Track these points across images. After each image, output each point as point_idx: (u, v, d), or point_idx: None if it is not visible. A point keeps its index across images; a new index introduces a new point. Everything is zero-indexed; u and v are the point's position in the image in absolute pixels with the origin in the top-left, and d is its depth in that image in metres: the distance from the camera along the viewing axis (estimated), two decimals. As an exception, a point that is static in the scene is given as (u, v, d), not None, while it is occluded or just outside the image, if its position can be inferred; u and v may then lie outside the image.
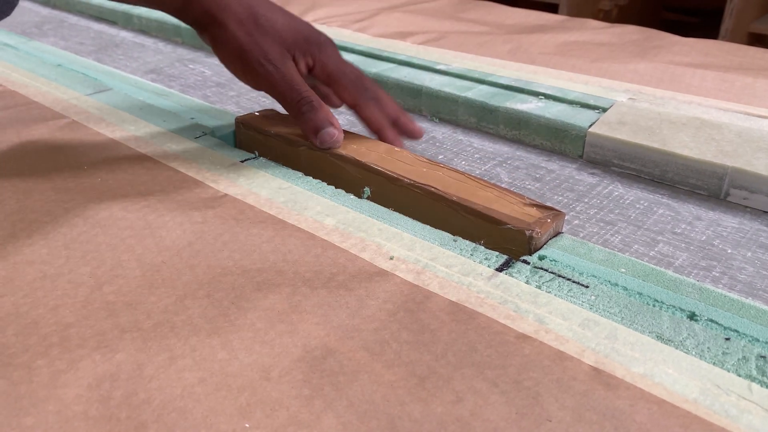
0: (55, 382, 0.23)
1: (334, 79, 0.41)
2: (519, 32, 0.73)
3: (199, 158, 0.40)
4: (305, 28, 0.41)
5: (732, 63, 0.61)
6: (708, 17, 1.79)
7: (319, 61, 0.40)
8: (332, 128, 0.38)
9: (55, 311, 0.26)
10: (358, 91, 0.41)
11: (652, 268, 0.30)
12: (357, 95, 0.41)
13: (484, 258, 0.30)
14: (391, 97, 0.43)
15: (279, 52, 0.39)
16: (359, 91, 0.41)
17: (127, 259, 0.30)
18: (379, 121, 0.41)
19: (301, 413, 0.22)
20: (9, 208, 0.34)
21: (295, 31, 0.40)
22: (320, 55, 0.40)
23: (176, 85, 0.61)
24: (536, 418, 0.22)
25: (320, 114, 0.38)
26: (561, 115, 0.46)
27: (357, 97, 0.41)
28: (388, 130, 0.41)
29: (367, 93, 0.41)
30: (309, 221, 0.33)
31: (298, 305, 0.27)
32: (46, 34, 0.79)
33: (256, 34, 0.39)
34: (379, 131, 0.41)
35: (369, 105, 0.41)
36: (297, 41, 0.40)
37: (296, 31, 0.40)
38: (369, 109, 0.41)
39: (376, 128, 0.41)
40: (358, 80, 0.41)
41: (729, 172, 0.39)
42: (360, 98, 0.41)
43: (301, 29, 0.40)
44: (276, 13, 0.40)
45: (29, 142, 0.42)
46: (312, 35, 0.41)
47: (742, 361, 0.24)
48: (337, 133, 0.38)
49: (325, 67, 0.41)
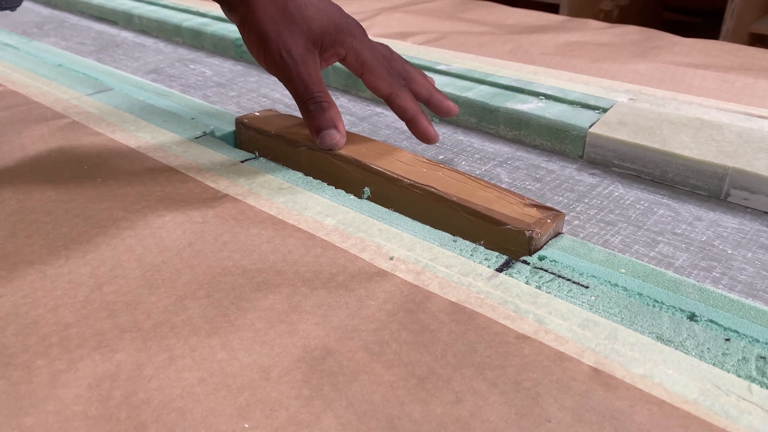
0: (55, 382, 0.23)
1: (366, 69, 0.40)
2: (519, 32, 0.73)
3: (199, 158, 0.40)
4: (337, 17, 0.40)
5: (733, 63, 0.61)
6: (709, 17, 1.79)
7: (351, 52, 0.40)
8: (334, 130, 0.38)
9: (54, 311, 0.26)
10: (390, 81, 0.40)
11: (653, 269, 0.30)
12: (390, 85, 0.40)
13: (484, 258, 0.30)
14: (423, 74, 0.43)
15: (303, 45, 0.38)
16: (392, 81, 0.41)
17: (127, 259, 0.30)
18: (412, 109, 0.41)
19: (301, 413, 0.22)
20: (9, 208, 0.34)
21: (325, 21, 0.39)
22: (352, 45, 0.40)
23: (177, 86, 0.61)
24: (536, 419, 0.22)
25: (326, 114, 0.38)
26: (561, 116, 0.46)
27: (390, 87, 0.40)
28: (420, 120, 0.41)
29: (399, 81, 0.41)
30: (309, 221, 0.33)
31: (298, 305, 0.27)
32: (47, 34, 0.79)
33: (282, 23, 0.38)
34: (411, 121, 0.41)
35: (402, 94, 0.41)
36: (327, 32, 0.39)
37: (327, 21, 0.39)
38: (402, 98, 0.41)
39: (408, 117, 0.41)
40: (390, 68, 0.41)
41: (729, 172, 0.39)
42: (393, 88, 0.40)
43: (332, 18, 0.39)
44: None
45: (30, 142, 0.42)
46: (344, 24, 0.40)
47: (742, 361, 0.24)
48: (338, 136, 0.38)
49: (357, 57, 0.40)
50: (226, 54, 0.69)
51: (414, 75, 0.42)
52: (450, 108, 0.43)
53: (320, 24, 0.39)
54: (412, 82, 0.42)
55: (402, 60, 0.43)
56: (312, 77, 0.38)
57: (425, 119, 0.41)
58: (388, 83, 0.40)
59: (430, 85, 0.43)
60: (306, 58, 0.38)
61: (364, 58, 0.40)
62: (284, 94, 0.58)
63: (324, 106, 0.38)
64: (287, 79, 0.39)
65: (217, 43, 0.70)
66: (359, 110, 0.55)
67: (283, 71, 0.38)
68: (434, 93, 0.43)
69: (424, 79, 0.43)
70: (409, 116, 0.41)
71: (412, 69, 0.43)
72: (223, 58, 0.69)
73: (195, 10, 0.78)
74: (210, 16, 0.75)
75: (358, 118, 0.53)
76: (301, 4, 0.38)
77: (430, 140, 0.42)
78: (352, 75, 0.57)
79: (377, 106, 0.56)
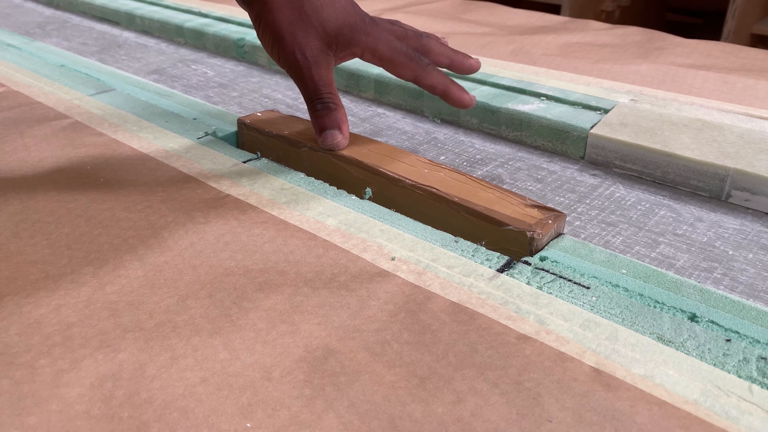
0: (58, 382, 0.23)
1: (385, 63, 0.41)
2: (521, 33, 0.73)
3: (201, 159, 0.40)
4: (351, 16, 0.40)
5: (734, 64, 0.61)
6: (710, 18, 1.79)
7: (368, 49, 0.40)
8: (337, 131, 0.38)
9: (57, 311, 0.27)
10: (412, 66, 0.41)
11: (654, 270, 0.30)
12: (413, 70, 0.41)
13: (486, 259, 0.30)
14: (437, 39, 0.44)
15: (317, 47, 0.39)
16: (413, 65, 0.41)
17: (130, 259, 0.30)
18: (441, 84, 0.42)
19: (303, 413, 0.22)
20: (12, 208, 0.34)
21: (340, 22, 0.39)
22: (367, 44, 0.40)
23: (179, 86, 0.61)
24: (537, 419, 0.22)
25: (331, 115, 0.39)
26: (563, 117, 0.46)
27: (413, 71, 0.41)
28: (452, 90, 0.42)
29: (420, 62, 0.41)
30: (311, 222, 0.33)
31: (300, 305, 0.27)
32: (50, 34, 0.79)
33: (298, 23, 0.38)
34: (444, 94, 0.42)
35: (426, 74, 0.42)
36: (342, 33, 0.39)
37: (342, 22, 0.39)
38: (427, 77, 0.42)
39: (440, 93, 0.42)
40: (408, 53, 0.41)
41: (731, 173, 0.39)
42: (417, 70, 0.41)
43: (347, 18, 0.40)
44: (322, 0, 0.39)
45: (32, 143, 0.42)
46: (358, 23, 0.40)
47: (742, 362, 0.24)
48: (340, 137, 0.39)
49: (374, 53, 0.41)
50: (228, 54, 0.69)
51: (431, 46, 0.43)
52: (472, 65, 0.44)
53: (335, 25, 0.39)
54: (431, 53, 0.43)
55: (415, 33, 0.43)
56: (323, 78, 0.39)
57: (456, 87, 0.42)
58: (411, 69, 0.41)
59: (448, 48, 0.44)
60: (319, 59, 0.39)
61: (381, 53, 0.41)
62: (286, 94, 0.58)
63: (331, 107, 0.39)
64: (299, 79, 0.39)
65: (219, 44, 0.70)
66: (361, 111, 0.55)
67: (296, 71, 0.39)
68: (454, 56, 0.44)
69: (440, 45, 0.43)
70: (440, 92, 0.42)
71: (426, 39, 0.43)
72: (225, 58, 0.69)
73: (197, 10, 0.78)
74: (212, 17, 0.75)
75: (360, 118, 0.53)
76: (317, 5, 0.39)
77: (467, 105, 0.43)
78: (354, 75, 0.57)
79: (379, 107, 0.56)
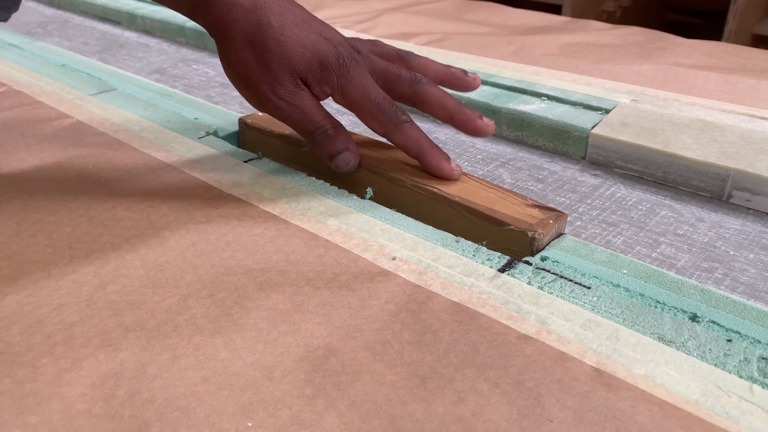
0: (60, 381, 0.23)
1: (354, 109, 0.36)
2: (522, 33, 0.73)
3: (202, 158, 0.40)
4: (320, 50, 0.35)
5: (735, 65, 0.61)
6: (712, 19, 1.79)
7: (337, 91, 0.35)
8: (347, 153, 0.36)
9: (59, 310, 0.27)
10: (382, 120, 0.35)
11: (654, 270, 0.30)
12: (382, 125, 0.35)
13: (487, 259, 0.30)
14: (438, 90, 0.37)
15: (290, 81, 0.35)
16: (384, 119, 0.35)
17: (131, 258, 0.30)
18: (414, 147, 0.35)
19: (304, 413, 0.22)
20: (14, 207, 0.34)
21: (307, 57, 0.35)
22: (337, 84, 0.35)
23: (180, 86, 0.61)
24: (537, 419, 0.22)
25: (336, 141, 0.36)
26: (564, 117, 0.46)
27: (383, 126, 0.35)
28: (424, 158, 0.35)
29: (394, 117, 0.35)
30: (312, 221, 0.33)
31: (301, 305, 0.27)
32: (51, 34, 0.79)
33: (265, 59, 0.34)
34: (417, 159, 0.36)
35: (397, 134, 0.35)
36: (311, 68, 0.35)
37: (309, 57, 0.35)
38: (397, 137, 0.35)
39: (413, 156, 0.36)
40: (383, 105, 0.35)
41: (732, 173, 0.39)
42: (386, 127, 0.35)
43: (315, 53, 0.35)
44: (287, 29, 0.35)
45: (34, 142, 0.42)
46: (329, 58, 0.35)
47: (743, 362, 0.24)
48: (352, 157, 0.36)
49: (343, 96, 0.35)
50: (229, 54, 0.69)
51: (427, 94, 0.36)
52: (477, 128, 0.36)
53: (303, 61, 0.34)
54: (425, 103, 0.36)
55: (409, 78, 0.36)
56: (308, 108, 0.35)
57: (432, 155, 0.35)
58: (380, 123, 0.35)
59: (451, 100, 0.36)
60: (296, 93, 0.35)
61: (351, 98, 0.35)
62: (287, 94, 0.58)
63: (330, 134, 0.36)
64: (283, 120, 0.36)
65: (220, 44, 0.70)
66: (362, 111, 0.55)
67: (276, 112, 0.35)
68: (457, 112, 0.36)
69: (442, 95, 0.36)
70: (413, 155, 0.36)
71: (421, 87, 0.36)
72: (226, 58, 0.69)
73: (198, 10, 0.78)
74: (213, 17, 0.75)
75: (361, 118, 0.53)
76: (280, 41, 0.34)
77: (445, 176, 0.35)
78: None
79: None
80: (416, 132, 0.35)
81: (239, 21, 0.35)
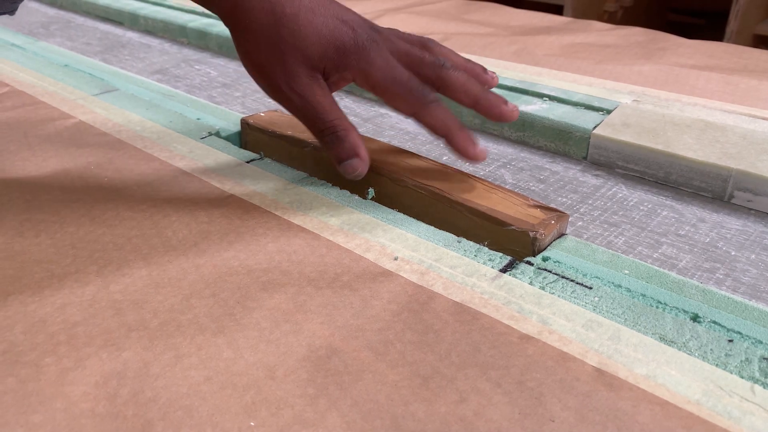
0: (63, 380, 0.23)
1: (378, 91, 0.34)
2: (524, 34, 0.73)
3: (204, 159, 0.40)
4: (338, 35, 0.34)
5: (737, 65, 0.61)
6: (713, 19, 1.79)
7: (359, 74, 0.34)
8: (356, 160, 0.35)
9: (62, 310, 0.27)
10: (410, 100, 0.34)
11: (656, 270, 0.30)
12: (410, 105, 0.34)
13: (488, 259, 0.30)
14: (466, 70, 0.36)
15: (305, 73, 0.34)
16: (412, 99, 0.34)
17: (134, 258, 0.30)
18: (442, 128, 0.34)
19: (306, 412, 0.22)
20: (17, 207, 0.34)
21: (324, 45, 0.33)
22: (358, 67, 0.34)
23: (182, 86, 0.61)
24: (539, 419, 0.22)
25: (345, 144, 0.35)
26: (565, 117, 0.47)
27: (411, 107, 0.34)
28: (452, 138, 0.34)
29: (422, 96, 0.34)
30: (314, 222, 0.33)
31: (303, 305, 0.27)
32: (53, 34, 0.79)
33: (279, 49, 0.33)
34: (447, 140, 0.35)
35: (425, 113, 0.34)
36: (327, 56, 0.34)
37: (326, 44, 0.33)
38: (426, 117, 0.34)
39: (442, 136, 0.35)
40: (410, 82, 0.34)
41: (733, 174, 0.39)
42: (414, 107, 0.34)
43: (333, 39, 0.34)
44: (302, 16, 0.33)
45: (36, 142, 0.42)
46: (346, 43, 0.34)
47: (745, 362, 0.24)
48: (360, 165, 0.35)
49: (366, 79, 0.34)
50: (231, 55, 0.70)
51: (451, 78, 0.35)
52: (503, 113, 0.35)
53: (319, 49, 0.33)
54: (448, 88, 0.35)
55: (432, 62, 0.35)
56: (321, 105, 0.34)
57: (461, 137, 0.34)
58: (408, 103, 0.34)
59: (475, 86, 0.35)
60: (310, 86, 0.34)
61: (375, 80, 0.34)
62: (289, 94, 0.59)
63: (341, 136, 0.35)
64: (297, 113, 0.35)
65: (222, 44, 0.70)
66: (363, 111, 0.55)
67: (290, 105, 0.35)
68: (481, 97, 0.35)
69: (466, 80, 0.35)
70: (441, 135, 0.35)
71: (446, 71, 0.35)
72: (228, 58, 0.69)
73: (200, 10, 0.78)
74: (215, 17, 0.76)
75: (363, 119, 0.53)
76: (294, 29, 0.33)
77: (470, 159, 0.35)
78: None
79: (381, 107, 0.56)
80: (444, 112, 0.34)
81: (254, 9, 0.34)
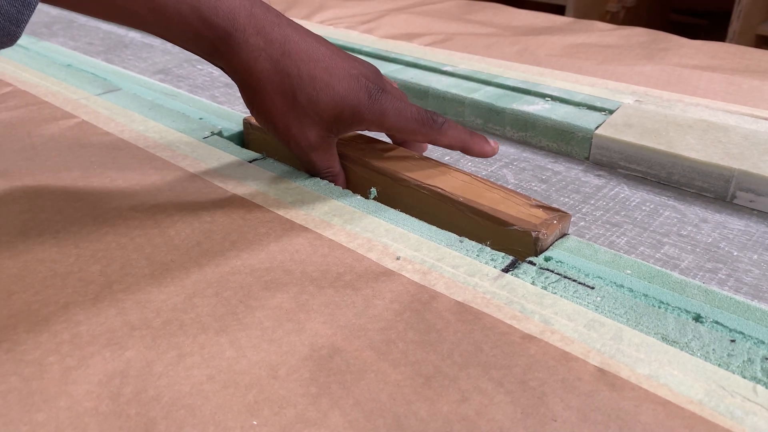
0: (66, 379, 0.23)
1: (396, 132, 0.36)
2: (526, 34, 0.73)
3: (207, 158, 0.40)
4: (354, 94, 0.35)
5: (739, 65, 0.61)
6: (715, 19, 1.79)
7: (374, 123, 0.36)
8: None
9: (65, 309, 0.27)
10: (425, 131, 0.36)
11: (658, 270, 0.30)
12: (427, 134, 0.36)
13: (490, 259, 0.30)
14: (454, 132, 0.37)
15: (314, 135, 0.36)
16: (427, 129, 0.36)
17: (137, 257, 0.30)
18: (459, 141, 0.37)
19: (308, 411, 0.22)
20: (20, 207, 0.34)
21: (340, 107, 0.35)
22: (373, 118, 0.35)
23: (184, 86, 0.61)
24: (541, 418, 0.22)
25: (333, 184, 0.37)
26: (567, 117, 0.47)
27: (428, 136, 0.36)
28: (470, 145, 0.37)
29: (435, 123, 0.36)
30: (316, 221, 0.33)
31: (306, 304, 0.27)
32: (56, 34, 0.79)
33: (291, 115, 0.35)
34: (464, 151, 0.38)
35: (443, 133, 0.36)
36: (342, 117, 0.35)
37: (342, 106, 0.35)
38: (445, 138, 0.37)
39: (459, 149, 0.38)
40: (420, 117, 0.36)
41: (735, 174, 0.39)
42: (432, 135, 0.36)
43: (348, 99, 0.35)
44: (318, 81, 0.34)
45: (39, 142, 0.43)
46: (361, 101, 0.35)
47: (747, 362, 0.24)
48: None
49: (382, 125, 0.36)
50: (234, 55, 0.70)
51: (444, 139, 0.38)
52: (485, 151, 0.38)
53: (335, 112, 0.35)
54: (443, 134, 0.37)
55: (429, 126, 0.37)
56: (321, 162, 0.37)
57: (476, 140, 0.37)
58: (423, 135, 0.36)
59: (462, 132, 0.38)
60: (316, 146, 0.36)
61: (389, 125, 0.36)
62: (291, 94, 0.59)
63: (330, 180, 0.38)
64: (299, 161, 0.38)
65: (224, 44, 0.70)
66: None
67: (290, 149, 0.37)
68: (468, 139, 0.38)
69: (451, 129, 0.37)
70: (459, 148, 0.38)
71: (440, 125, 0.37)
72: (230, 58, 0.69)
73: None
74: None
75: (365, 118, 0.53)
76: (312, 95, 0.34)
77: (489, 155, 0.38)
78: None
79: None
80: (455, 129, 0.37)
81: (267, 71, 0.34)
